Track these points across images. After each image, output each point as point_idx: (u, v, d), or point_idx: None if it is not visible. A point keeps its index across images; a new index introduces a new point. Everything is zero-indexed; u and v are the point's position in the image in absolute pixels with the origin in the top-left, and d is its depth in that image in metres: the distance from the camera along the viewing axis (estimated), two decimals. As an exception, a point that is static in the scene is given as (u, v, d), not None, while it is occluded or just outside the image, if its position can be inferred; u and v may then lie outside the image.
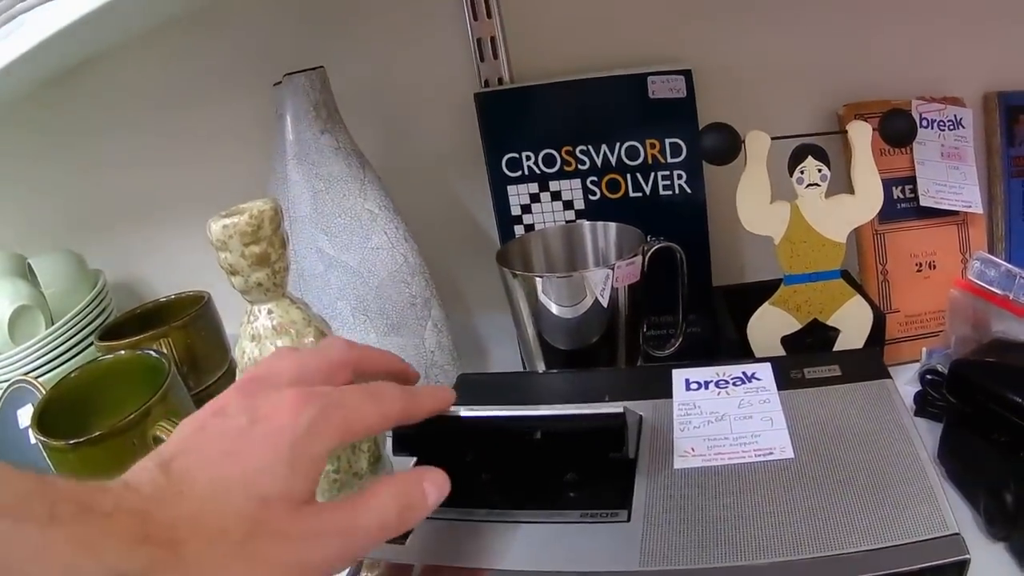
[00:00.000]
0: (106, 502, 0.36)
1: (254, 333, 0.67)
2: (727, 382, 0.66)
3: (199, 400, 0.81)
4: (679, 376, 0.68)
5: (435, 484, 0.47)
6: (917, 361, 0.82)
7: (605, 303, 0.75)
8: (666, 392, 0.66)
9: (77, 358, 0.92)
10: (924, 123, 0.87)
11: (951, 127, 0.88)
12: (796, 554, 0.48)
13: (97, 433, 0.68)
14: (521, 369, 0.88)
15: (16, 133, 1.07)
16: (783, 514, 0.51)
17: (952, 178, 0.87)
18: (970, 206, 0.87)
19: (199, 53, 0.98)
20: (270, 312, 0.66)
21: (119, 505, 0.37)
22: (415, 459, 0.59)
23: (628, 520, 0.53)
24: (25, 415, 0.84)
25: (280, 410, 0.44)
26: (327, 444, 0.44)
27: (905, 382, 0.81)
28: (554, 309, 0.75)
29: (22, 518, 0.33)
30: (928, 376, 0.77)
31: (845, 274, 0.80)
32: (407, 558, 0.53)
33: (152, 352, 0.80)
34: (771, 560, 0.48)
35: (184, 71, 1.00)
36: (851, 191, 0.75)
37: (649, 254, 0.77)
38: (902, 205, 0.87)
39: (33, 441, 0.79)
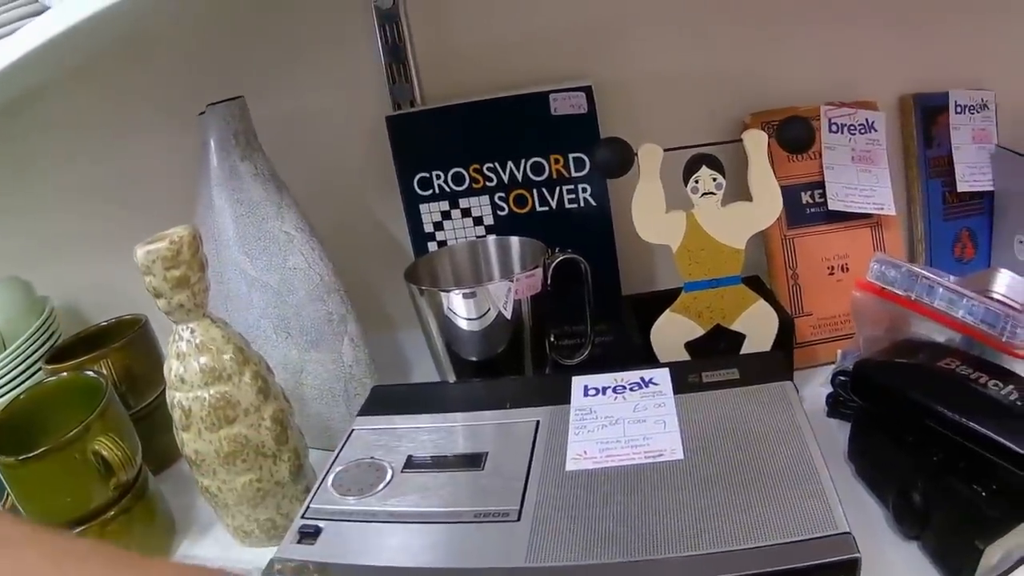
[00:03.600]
0: None
1: (179, 351, 0.71)
2: (624, 387, 0.69)
3: (138, 418, 0.84)
4: (578, 383, 0.71)
5: None
6: (831, 363, 0.84)
7: (508, 315, 0.78)
8: (565, 398, 0.69)
9: (28, 381, 0.95)
10: (833, 128, 0.89)
11: (863, 131, 0.90)
12: (682, 551, 0.50)
13: (41, 449, 0.71)
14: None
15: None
16: (671, 513, 0.53)
17: (863, 181, 0.89)
18: (882, 208, 0.88)
19: (132, 86, 1.01)
20: (192, 331, 0.70)
21: None
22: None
23: (518, 520, 0.56)
24: (-19, 437, 0.87)
25: None
26: None
27: (820, 383, 0.83)
28: (460, 323, 0.78)
29: None
30: (840, 377, 0.79)
31: (754, 279, 0.82)
32: (318, 556, 0.56)
33: (91, 373, 0.83)
34: (654, 557, 0.50)
35: (119, 104, 1.03)
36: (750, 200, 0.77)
37: (552, 266, 0.80)
38: (812, 210, 0.89)
39: (-12, 461, 0.82)
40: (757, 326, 0.79)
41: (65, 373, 0.85)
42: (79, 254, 1.10)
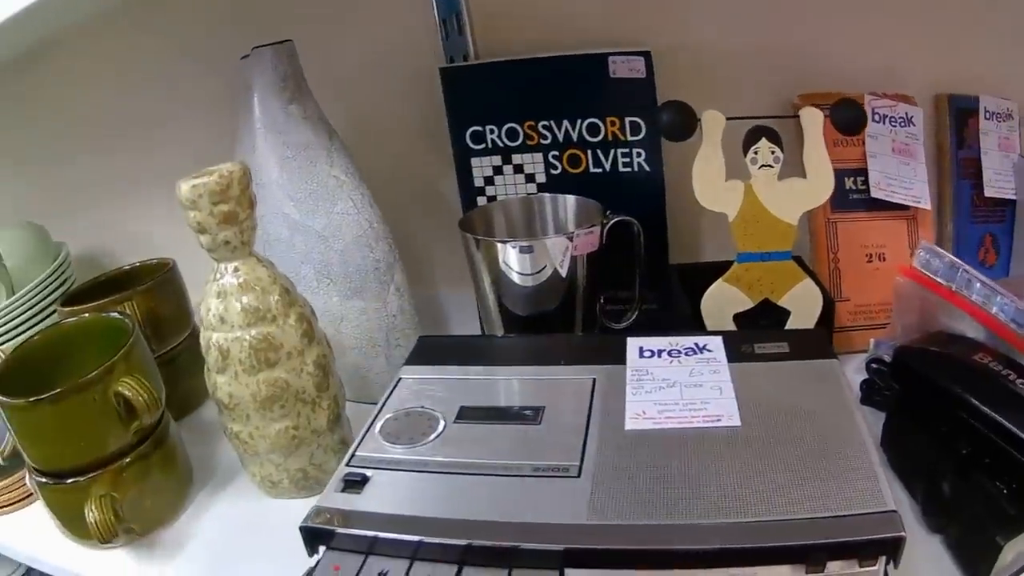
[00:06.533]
0: None
1: (219, 290, 0.68)
2: (679, 352, 0.68)
3: (162, 363, 0.81)
4: (633, 344, 0.70)
5: None
6: (864, 351, 0.84)
7: (564, 272, 0.77)
8: (620, 358, 0.68)
9: (38, 327, 0.92)
10: (876, 118, 0.89)
11: (902, 124, 0.91)
12: (737, 517, 0.49)
13: (58, 390, 0.68)
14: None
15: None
16: (727, 478, 0.53)
17: (902, 173, 0.89)
18: (919, 201, 0.89)
19: (162, 29, 1.00)
20: (236, 270, 0.68)
21: None
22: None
23: (578, 476, 0.54)
24: (-17, 382, 0.84)
25: None
26: None
27: (852, 371, 0.82)
28: (514, 276, 0.77)
29: None
30: (874, 365, 0.79)
31: (798, 259, 0.82)
32: (364, 506, 0.54)
33: (116, 314, 0.80)
34: (713, 521, 0.49)
35: (148, 46, 1.01)
36: (803, 177, 0.77)
37: (608, 226, 0.79)
38: (854, 196, 0.89)
39: (-8, 405, 0.78)
40: (802, 304, 0.79)
41: (87, 315, 0.82)
42: (98, 201, 1.08)
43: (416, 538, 0.51)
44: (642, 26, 0.94)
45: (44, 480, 0.72)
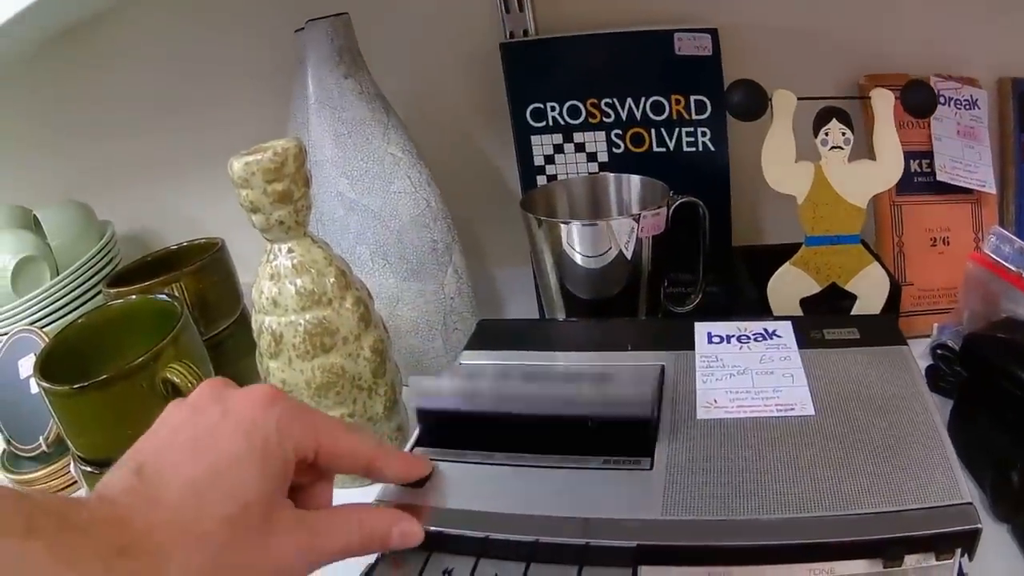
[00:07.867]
0: (82, 514, 0.36)
1: (273, 272, 0.66)
2: (748, 337, 0.66)
3: (210, 346, 0.80)
4: (701, 329, 0.68)
5: (404, 533, 0.48)
6: (927, 336, 0.82)
7: (629, 254, 0.75)
8: (688, 344, 0.66)
9: (83, 308, 0.90)
10: (941, 100, 0.88)
11: (967, 106, 0.89)
12: (815, 511, 0.47)
13: (104, 376, 0.66)
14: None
15: (27, 87, 1.06)
16: (803, 471, 0.51)
17: (967, 156, 0.88)
18: (984, 185, 0.87)
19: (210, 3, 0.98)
20: (290, 251, 0.66)
21: (95, 516, 0.36)
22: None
23: (651, 468, 0.52)
24: (27, 365, 0.83)
25: (253, 404, 0.44)
26: (295, 443, 0.44)
27: (916, 356, 0.81)
28: (577, 258, 0.75)
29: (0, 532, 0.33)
30: (940, 351, 0.77)
31: (863, 243, 0.81)
32: (424, 501, 0.52)
33: (164, 296, 0.78)
34: (791, 515, 0.47)
35: (198, 18, 0.99)
36: (871, 159, 0.75)
37: (673, 207, 0.77)
38: (919, 179, 0.88)
39: (35, 391, 0.77)
40: (869, 289, 0.77)
41: (133, 296, 0.81)
42: (144, 179, 1.07)
43: (482, 534, 0.49)
44: (707, 3, 0.91)
45: (90, 469, 0.71)
